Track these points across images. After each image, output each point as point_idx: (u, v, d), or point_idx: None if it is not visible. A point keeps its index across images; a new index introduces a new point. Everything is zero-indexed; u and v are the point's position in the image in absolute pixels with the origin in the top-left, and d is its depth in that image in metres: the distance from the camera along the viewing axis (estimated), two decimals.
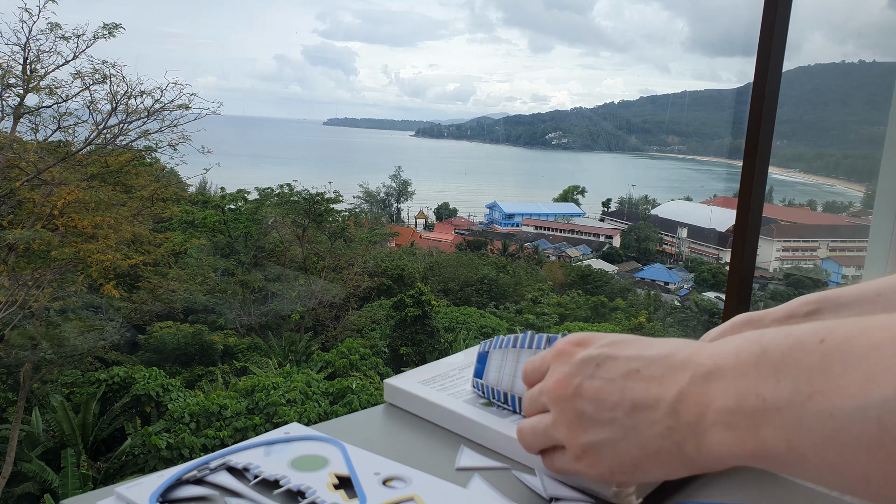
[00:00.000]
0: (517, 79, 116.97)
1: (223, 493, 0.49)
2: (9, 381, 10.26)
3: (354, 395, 11.23)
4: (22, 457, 9.46)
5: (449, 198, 50.60)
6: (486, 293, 19.69)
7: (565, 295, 20.34)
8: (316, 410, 10.54)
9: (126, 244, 10.95)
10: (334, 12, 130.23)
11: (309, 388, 11.05)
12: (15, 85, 9.91)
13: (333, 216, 16.78)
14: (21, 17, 9.75)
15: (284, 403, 10.42)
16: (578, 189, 57.00)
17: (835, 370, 0.30)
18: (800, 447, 0.31)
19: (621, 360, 0.43)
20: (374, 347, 14.32)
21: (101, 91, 10.32)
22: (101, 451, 10.45)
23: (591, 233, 42.38)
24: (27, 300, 9.47)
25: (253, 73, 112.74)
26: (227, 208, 16.25)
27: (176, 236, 13.81)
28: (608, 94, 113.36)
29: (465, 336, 15.66)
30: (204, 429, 9.80)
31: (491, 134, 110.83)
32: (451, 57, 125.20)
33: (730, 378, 0.35)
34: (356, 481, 0.49)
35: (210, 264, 14.43)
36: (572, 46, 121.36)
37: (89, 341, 10.66)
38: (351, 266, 16.55)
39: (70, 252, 9.78)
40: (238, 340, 13.70)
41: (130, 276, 11.99)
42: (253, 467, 0.50)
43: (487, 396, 0.62)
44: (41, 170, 9.73)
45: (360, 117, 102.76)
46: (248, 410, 10.30)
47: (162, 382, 10.84)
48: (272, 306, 14.83)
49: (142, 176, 11.65)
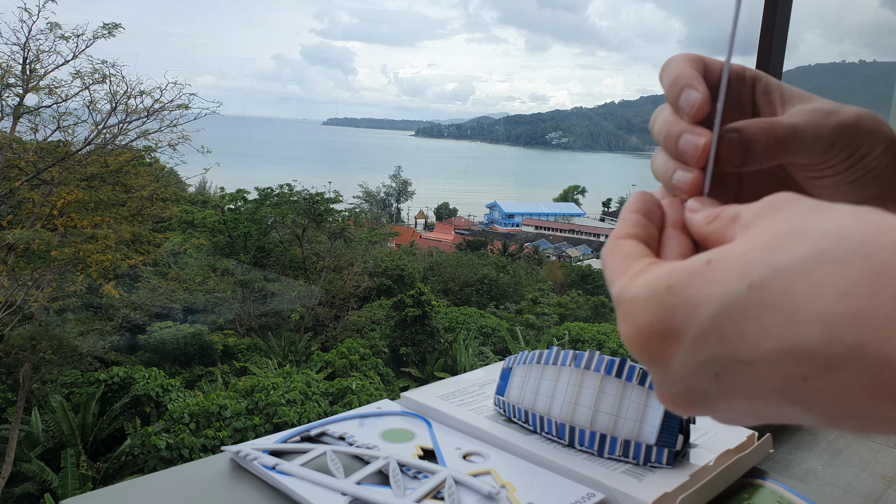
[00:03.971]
0: (516, 78, 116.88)
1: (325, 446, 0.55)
2: (8, 381, 10.24)
3: (354, 395, 11.22)
4: (21, 457, 9.44)
5: (449, 198, 50.65)
6: (486, 293, 19.69)
7: (565, 295, 20.33)
8: (316, 411, 10.53)
9: (126, 244, 10.93)
10: (332, 12, 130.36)
11: (309, 389, 11.04)
12: (15, 85, 9.89)
13: (333, 216, 16.77)
14: (21, 16, 9.74)
15: (284, 404, 10.41)
16: (579, 189, 57.10)
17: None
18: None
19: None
20: (374, 347, 14.31)
21: (101, 91, 10.31)
22: (100, 451, 10.43)
23: (592, 233, 42.40)
24: (27, 300, 9.45)
25: (252, 72, 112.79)
26: (226, 208, 16.24)
27: (175, 236, 13.80)
28: (608, 94, 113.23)
29: (465, 336, 15.65)
30: (203, 429, 9.78)
31: (491, 134, 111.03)
32: (449, 56, 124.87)
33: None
34: (439, 453, 0.54)
35: (210, 264, 14.42)
36: (569, 46, 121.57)
37: (89, 341, 10.64)
38: (351, 266, 16.53)
39: (70, 252, 9.76)
40: (238, 340, 13.69)
41: (130, 276, 11.98)
42: (348, 436, 0.57)
43: (508, 414, 0.60)
44: (41, 170, 9.71)
45: (360, 117, 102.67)
46: (248, 411, 10.28)
47: (161, 383, 10.82)
48: (272, 306, 14.82)
49: (141, 176, 11.61)
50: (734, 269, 0.24)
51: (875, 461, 1.89)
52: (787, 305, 0.22)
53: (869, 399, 0.21)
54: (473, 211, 49.45)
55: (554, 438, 0.58)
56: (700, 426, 0.64)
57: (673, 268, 0.26)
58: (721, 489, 0.55)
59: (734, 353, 0.24)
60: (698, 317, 0.24)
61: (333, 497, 0.49)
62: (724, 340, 0.24)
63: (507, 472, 0.52)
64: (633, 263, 0.28)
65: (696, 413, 0.28)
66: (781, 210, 0.25)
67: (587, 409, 0.55)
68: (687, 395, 0.27)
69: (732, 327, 0.24)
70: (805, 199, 0.25)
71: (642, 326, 0.26)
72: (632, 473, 0.54)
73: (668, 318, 0.25)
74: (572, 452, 0.56)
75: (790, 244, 0.23)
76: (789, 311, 0.22)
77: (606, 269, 0.30)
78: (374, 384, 12.19)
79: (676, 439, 0.55)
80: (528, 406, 0.58)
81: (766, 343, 0.23)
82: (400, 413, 0.62)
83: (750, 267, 0.24)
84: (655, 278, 0.26)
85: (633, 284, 0.27)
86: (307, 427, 0.59)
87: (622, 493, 0.52)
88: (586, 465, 0.54)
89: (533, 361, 0.58)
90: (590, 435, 0.55)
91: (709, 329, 0.24)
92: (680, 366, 0.26)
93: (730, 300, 0.24)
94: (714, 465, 0.57)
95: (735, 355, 0.24)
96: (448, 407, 0.63)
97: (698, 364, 0.25)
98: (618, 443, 0.55)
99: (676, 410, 0.28)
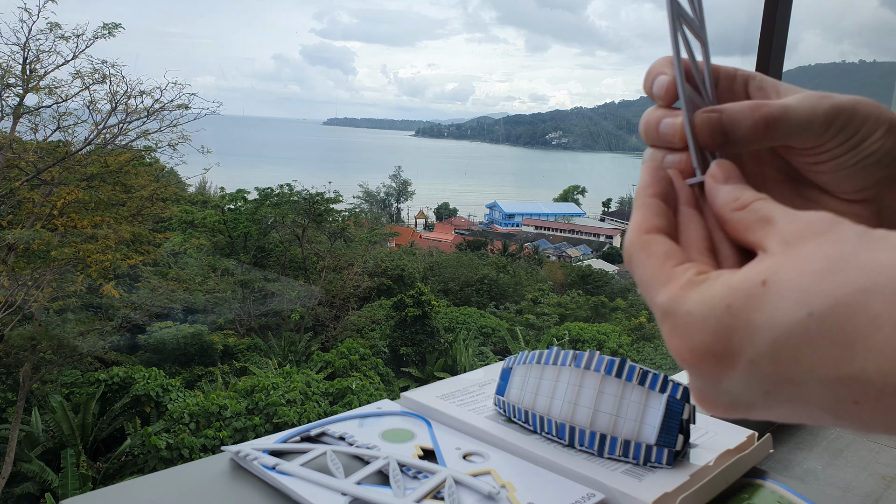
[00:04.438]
0: (516, 78, 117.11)
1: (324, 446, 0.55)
2: (8, 381, 10.24)
3: (354, 395, 11.22)
4: (21, 457, 9.44)
5: (449, 198, 50.65)
6: (486, 293, 19.69)
7: (565, 295, 20.34)
8: (316, 411, 10.53)
9: (126, 244, 10.92)
10: (331, 12, 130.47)
11: (309, 389, 11.05)
12: (15, 85, 9.89)
13: (333, 216, 16.77)
14: (21, 16, 9.73)
15: (284, 404, 10.41)
16: (579, 189, 57.10)
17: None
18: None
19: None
20: (374, 347, 14.31)
21: (101, 91, 10.31)
22: (100, 451, 10.43)
23: (592, 233, 42.40)
24: (27, 300, 9.45)
25: (252, 72, 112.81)
26: (226, 208, 16.25)
27: (175, 236, 13.79)
28: (608, 94, 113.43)
29: (465, 336, 15.65)
30: (203, 429, 9.78)
31: (491, 134, 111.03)
32: (449, 56, 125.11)
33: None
34: (439, 453, 0.54)
35: (210, 264, 14.42)
36: (569, 46, 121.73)
37: (89, 341, 10.64)
38: (351, 266, 16.53)
39: (70, 252, 9.76)
40: (238, 340, 13.69)
41: (130, 276, 11.97)
42: (348, 436, 0.57)
43: (508, 414, 0.60)
44: (41, 170, 9.71)
45: (360, 117, 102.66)
46: (248, 411, 10.28)
47: (161, 383, 10.82)
48: (272, 306, 14.82)
49: (141, 176, 11.61)
50: (792, 294, 0.24)
51: (875, 461, 1.89)
52: (845, 336, 0.23)
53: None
54: (473, 211, 49.47)
55: (554, 438, 0.58)
56: (700, 426, 0.64)
57: (729, 286, 0.26)
58: (721, 489, 0.55)
59: (788, 375, 0.25)
60: (757, 341, 0.25)
61: (333, 497, 0.49)
62: (779, 364, 0.24)
63: (507, 472, 0.52)
64: (675, 270, 0.28)
65: (734, 417, 0.29)
66: (827, 233, 0.25)
67: (587, 409, 0.55)
68: (731, 405, 0.27)
69: (789, 353, 0.24)
70: (849, 223, 0.26)
71: (698, 345, 0.26)
72: (632, 473, 0.54)
73: (726, 339, 0.25)
74: (572, 452, 0.56)
75: (846, 274, 0.23)
76: (847, 342, 0.23)
77: (640, 269, 0.29)
78: (374, 384, 12.19)
79: (676, 439, 0.55)
80: (528, 406, 0.58)
81: (822, 370, 0.24)
82: (400, 413, 0.62)
83: (808, 295, 0.24)
84: (713, 296, 0.26)
85: (687, 298, 0.26)
86: (307, 427, 0.59)
87: (622, 493, 0.52)
88: (586, 465, 0.54)
89: (533, 361, 0.58)
90: (590, 435, 0.55)
91: (765, 353, 0.25)
92: (730, 382, 0.26)
93: (789, 327, 0.24)
94: (714, 465, 0.57)
95: (789, 377, 0.25)
96: (448, 407, 0.63)
97: (749, 382, 0.26)
98: (618, 443, 0.55)
99: (715, 414, 0.29)
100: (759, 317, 0.25)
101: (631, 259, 0.30)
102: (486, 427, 0.59)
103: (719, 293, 0.26)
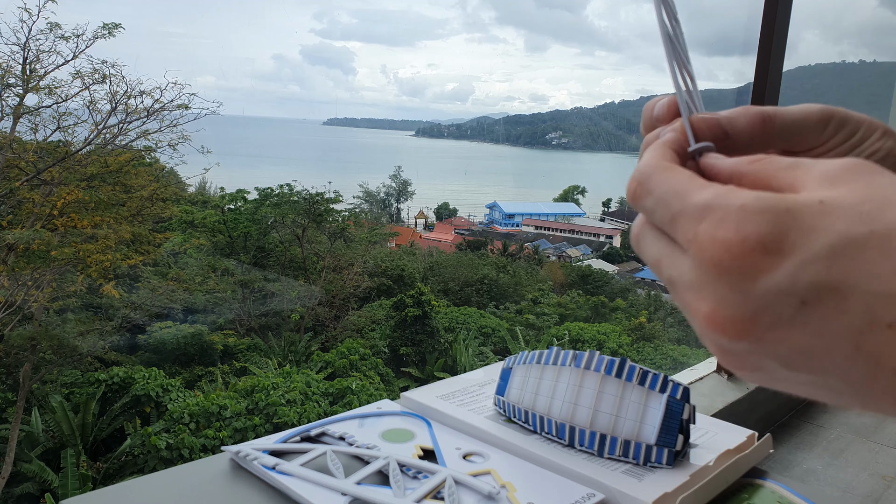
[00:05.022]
0: (516, 78, 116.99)
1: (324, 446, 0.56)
2: (8, 381, 10.24)
3: (354, 395, 11.22)
4: (22, 457, 9.44)
5: (449, 198, 50.65)
6: (486, 293, 19.69)
7: (565, 295, 20.34)
8: (316, 411, 10.53)
9: (126, 244, 10.92)
10: (331, 12, 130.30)
11: (309, 389, 11.04)
12: (15, 85, 9.89)
13: (333, 216, 16.77)
14: (21, 16, 9.73)
15: (284, 404, 10.41)
16: (579, 189, 57.12)
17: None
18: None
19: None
20: (374, 348, 14.30)
21: (101, 91, 10.31)
22: (100, 451, 10.43)
23: (592, 233, 42.41)
24: (27, 300, 9.45)
25: (252, 72, 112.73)
26: (226, 208, 16.25)
27: (175, 236, 13.79)
28: (608, 94, 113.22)
29: (465, 336, 15.65)
30: (203, 429, 9.78)
31: (491, 134, 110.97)
32: (449, 56, 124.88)
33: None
34: (439, 453, 0.55)
35: (210, 264, 14.42)
36: (568, 46, 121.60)
37: (89, 341, 10.64)
38: (351, 266, 16.53)
39: (70, 252, 9.76)
40: (238, 341, 13.69)
41: (130, 276, 11.97)
42: (348, 436, 0.57)
43: (508, 414, 0.60)
44: (41, 170, 9.71)
45: (360, 117, 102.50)
46: (248, 411, 10.28)
47: (161, 383, 10.82)
48: (272, 306, 14.81)
49: (141, 176, 11.61)
50: (853, 214, 0.25)
51: (875, 461, 1.89)
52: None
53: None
54: (473, 211, 49.48)
55: (554, 438, 0.57)
56: (700, 426, 0.64)
57: (783, 197, 0.26)
58: (721, 489, 0.55)
59: (837, 285, 0.24)
60: (814, 242, 0.25)
61: (333, 497, 0.49)
62: (831, 269, 0.24)
63: (507, 472, 0.52)
64: (709, 183, 0.28)
65: (747, 338, 0.27)
66: (870, 175, 0.26)
67: (587, 409, 0.55)
68: (753, 316, 0.26)
69: (844, 262, 0.24)
70: (881, 168, 0.27)
71: (750, 234, 0.25)
72: (632, 473, 0.54)
73: (782, 234, 0.25)
74: (572, 452, 0.56)
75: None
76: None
77: (666, 182, 0.29)
78: (374, 384, 12.19)
79: (676, 439, 0.55)
80: (528, 406, 0.58)
81: (873, 284, 0.24)
82: (400, 413, 0.62)
83: (869, 217, 0.24)
84: (769, 198, 0.26)
85: (741, 194, 0.26)
86: (307, 427, 0.59)
87: (622, 493, 0.52)
88: (586, 465, 0.54)
89: (533, 361, 0.58)
90: (590, 435, 0.55)
91: (821, 256, 0.25)
92: (771, 282, 0.25)
93: (850, 238, 0.24)
94: (714, 465, 0.57)
95: (836, 286, 0.24)
96: (448, 407, 0.63)
97: (793, 285, 0.25)
98: (618, 443, 0.55)
99: (725, 333, 0.27)
100: (821, 222, 0.25)
101: (650, 178, 0.30)
102: (486, 427, 0.59)
103: (775, 198, 0.26)
